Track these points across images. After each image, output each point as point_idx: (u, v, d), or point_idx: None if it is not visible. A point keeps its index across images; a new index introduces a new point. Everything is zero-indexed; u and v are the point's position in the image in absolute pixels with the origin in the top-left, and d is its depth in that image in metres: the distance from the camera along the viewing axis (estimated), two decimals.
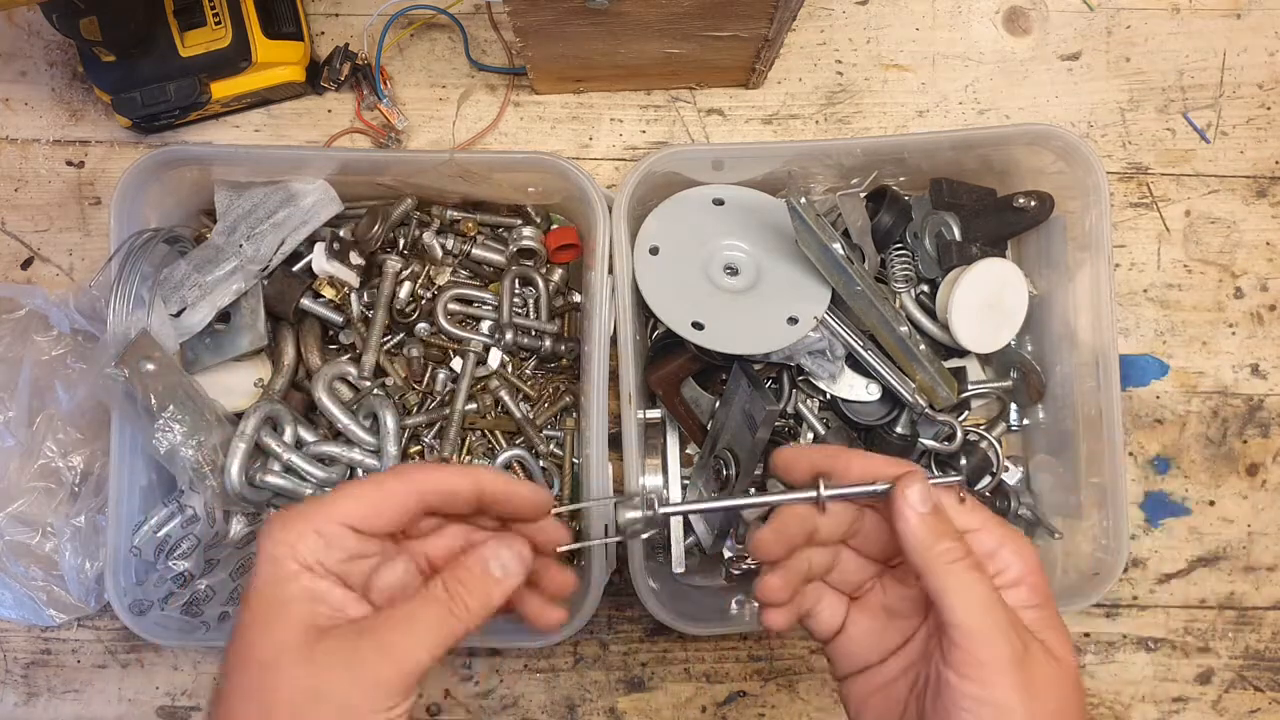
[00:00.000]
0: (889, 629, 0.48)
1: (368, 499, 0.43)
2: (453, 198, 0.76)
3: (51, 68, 0.81)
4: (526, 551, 0.45)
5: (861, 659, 0.48)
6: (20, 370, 0.72)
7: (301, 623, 0.40)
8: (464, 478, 0.45)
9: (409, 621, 0.41)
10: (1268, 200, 0.83)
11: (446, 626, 0.42)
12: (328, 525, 0.42)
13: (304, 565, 0.41)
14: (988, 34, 0.83)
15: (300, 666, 0.39)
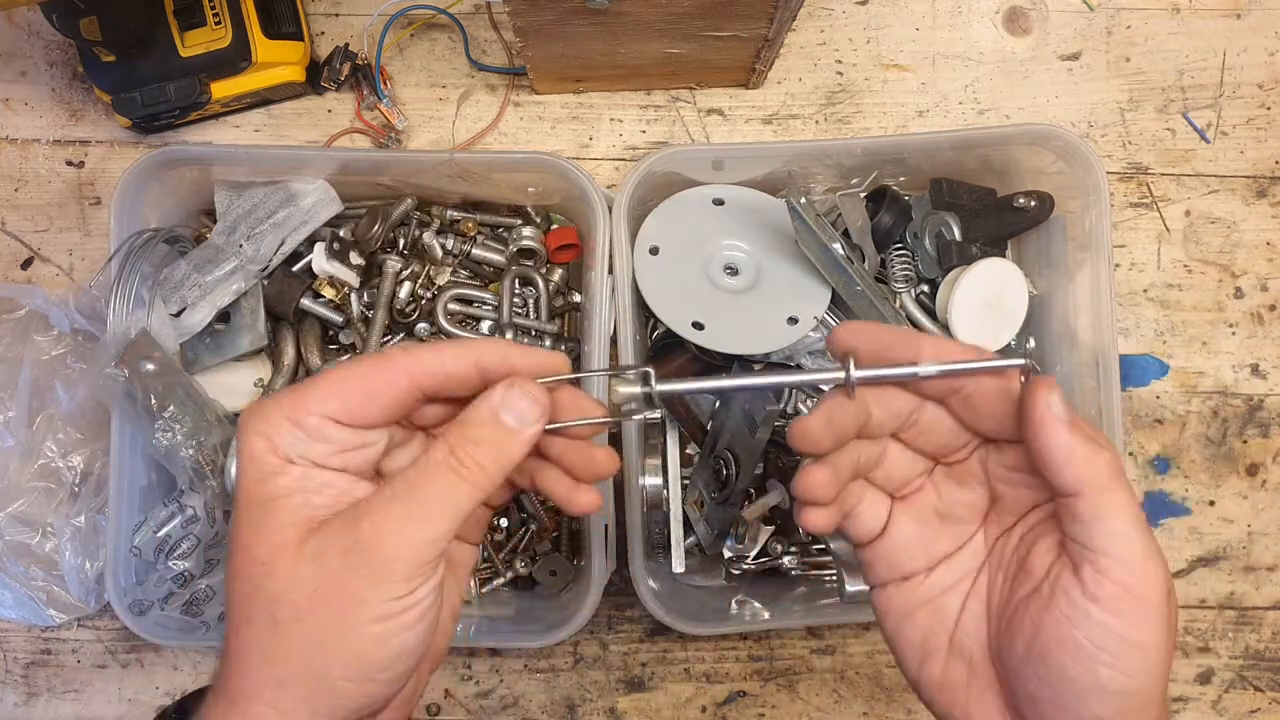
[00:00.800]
0: (939, 534, 0.42)
1: (350, 390, 0.37)
2: (453, 198, 0.76)
3: (51, 68, 0.81)
4: (543, 396, 0.38)
5: (905, 566, 0.43)
6: (20, 370, 0.72)
7: (294, 518, 0.36)
8: (459, 355, 0.38)
9: (411, 494, 0.36)
10: (1268, 200, 0.83)
11: (456, 492, 0.36)
12: (307, 417, 0.37)
13: (286, 459, 0.37)
14: (988, 34, 0.83)
15: (298, 564, 0.36)
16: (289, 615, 0.35)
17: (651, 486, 0.74)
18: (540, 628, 0.70)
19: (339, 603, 0.35)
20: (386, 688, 0.37)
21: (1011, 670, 0.38)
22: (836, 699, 0.79)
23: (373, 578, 0.35)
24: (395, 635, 0.36)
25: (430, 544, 0.36)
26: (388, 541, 0.35)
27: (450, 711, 0.78)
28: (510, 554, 0.75)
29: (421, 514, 0.36)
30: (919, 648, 0.42)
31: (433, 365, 0.38)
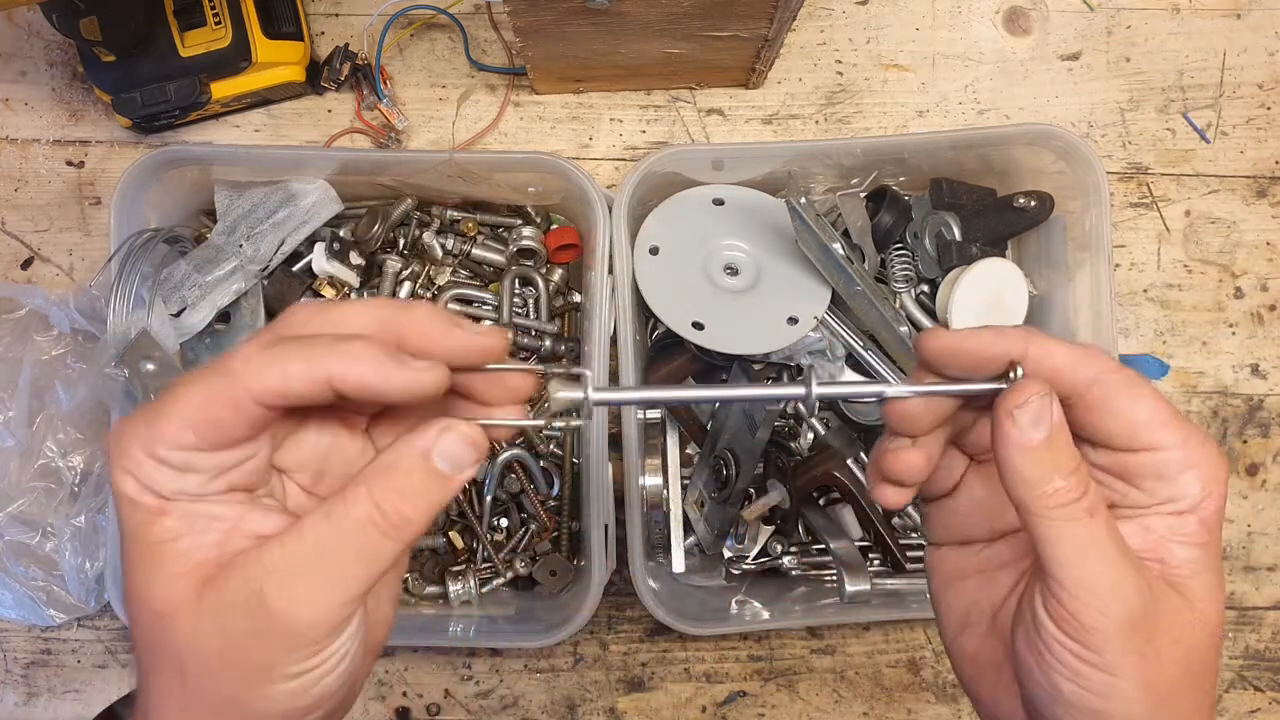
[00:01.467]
0: (1010, 508, 0.38)
1: (196, 418, 0.32)
2: (453, 198, 0.76)
3: (51, 68, 0.81)
4: (481, 438, 0.34)
5: (966, 530, 0.41)
6: (20, 370, 0.72)
7: (185, 565, 0.32)
8: (306, 372, 0.32)
9: (324, 555, 0.32)
10: (1268, 200, 0.83)
11: (377, 549, 0.33)
12: (165, 453, 0.32)
13: (161, 498, 0.32)
14: (988, 34, 0.83)
15: (199, 620, 0.32)
16: (198, 671, 0.33)
17: (651, 486, 0.74)
18: (540, 628, 0.69)
19: (249, 665, 0.32)
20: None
21: (1017, 663, 0.37)
22: (836, 699, 0.79)
23: (284, 645, 0.32)
24: (314, 685, 0.33)
25: (345, 605, 0.33)
26: (299, 610, 0.32)
27: (450, 711, 0.78)
28: (510, 554, 0.75)
29: (337, 577, 0.32)
30: (960, 616, 0.40)
31: (276, 385, 0.32)
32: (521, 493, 0.75)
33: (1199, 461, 0.35)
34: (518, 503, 0.76)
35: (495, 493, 0.75)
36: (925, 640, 0.79)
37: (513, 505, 0.76)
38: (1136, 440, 0.35)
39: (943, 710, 0.79)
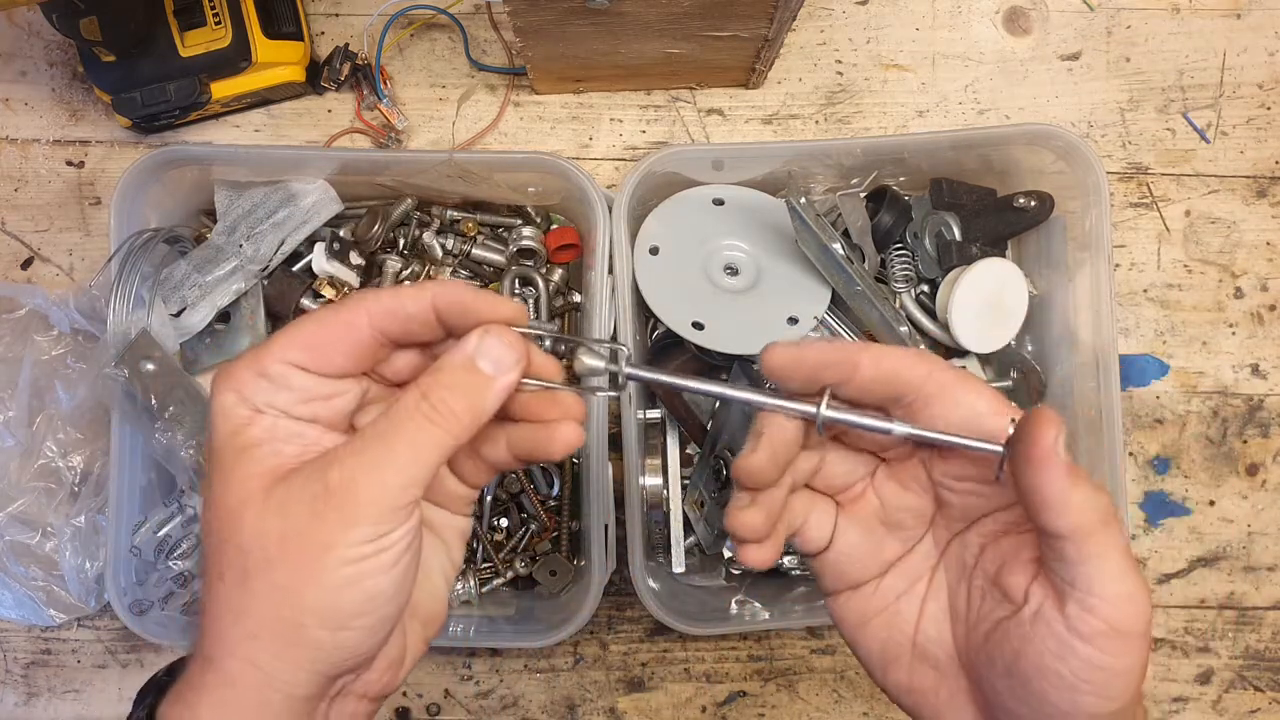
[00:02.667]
0: (886, 541, 0.41)
1: (310, 333, 0.37)
2: (453, 198, 0.76)
3: (51, 68, 0.81)
4: (520, 344, 0.38)
5: (855, 575, 0.42)
6: (20, 370, 0.72)
7: (262, 467, 0.36)
8: (417, 295, 0.38)
9: (381, 438, 0.35)
10: (1268, 200, 0.83)
11: (428, 437, 0.36)
12: (272, 366, 0.36)
13: (255, 410, 0.36)
14: (988, 34, 0.83)
15: (265, 513, 0.35)
16: (257, 565, 0.35)
17: (651, 486, 0.74)
18: (540, 628, 0.70)
19: (307, 547, 0.34)
20: (363, 637, 0.36)
21: (988, 685, 0.38)
22: (836, 699, 0.79)
23: (342, 522, 0.34)
24: (367, 578, 0.35)
25: (402, 489, 0.35)
26: (358, 486, 0.35)
27: (450, 711, 0.78)
28: (510, 554, 0.75)
29: (392, 458, 0.35)
30: (880, 654, 0.41)
31: (390, 304, 0.37)
32: (521, 493, 0.75)
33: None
34: (517, 503, 0.76)
35: (495, 493, 0.75)
36: None
37: (512, 505, 0.76)
38: (981, 429, 0.37)
39: None
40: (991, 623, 0.38)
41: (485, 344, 0.37)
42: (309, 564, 0.34)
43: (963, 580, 0.40)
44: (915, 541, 0.42)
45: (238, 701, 0.35)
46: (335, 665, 0.36)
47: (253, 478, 0.36)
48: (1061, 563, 0.35)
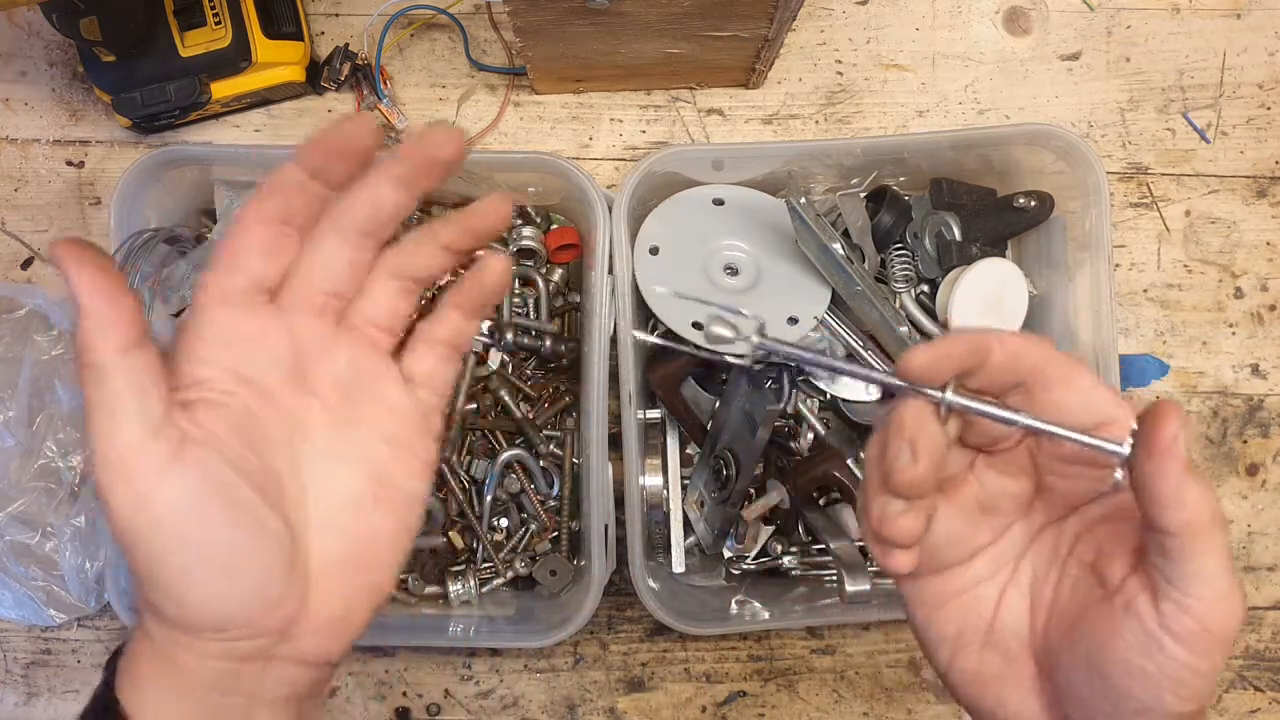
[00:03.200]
0: (981, 527, 0.40)
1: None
2: (452, 198, 0.76)
3: (51, 68, 0.81)
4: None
5: (944, 558, 0.40)
6: (20, 370, 0.72)
7: None
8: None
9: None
10: (1268, 200, 0.83)
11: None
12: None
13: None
14: (988, 34, 0.83)
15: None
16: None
17: (651, 486, 0.74)
18: (540, 628, 0.70)
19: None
20: (183, 581, 0.35)
21: (1064, 675, 0.37)
22: (836, 699, 0.79)
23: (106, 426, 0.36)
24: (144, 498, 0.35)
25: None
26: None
27: (450, 711, 0.78)
28: (510, 554, 0.75)
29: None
30: (953, 639, 0.40)
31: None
32: (521, 492, 0.75)
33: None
34: (518, 503, 0.76)
35: (495, 493, 0.75)
36: None
37: (513, 505, 0.76)
38: (1095, 412, 0.36)
39: (943, 710, 0.79)
40: (1078, 612, 0.37)
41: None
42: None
43: (1053, 567, 0.39)
44: (1008, 527, 0.40)
45: (150, 668, 0.37)
46: (192, 618, 0.36)
47: None
48: (1165, 559, 0.34)
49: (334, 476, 0.40)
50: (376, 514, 0.40)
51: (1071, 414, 0.36)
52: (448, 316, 0.44)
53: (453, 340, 0.43)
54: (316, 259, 0.39)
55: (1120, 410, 0.37)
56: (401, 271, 0.42)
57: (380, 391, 0.41)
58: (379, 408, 0.41)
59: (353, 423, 0.40)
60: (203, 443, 0.35)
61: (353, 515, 0.40)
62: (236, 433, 0.37)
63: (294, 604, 0.37)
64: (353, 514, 0.40)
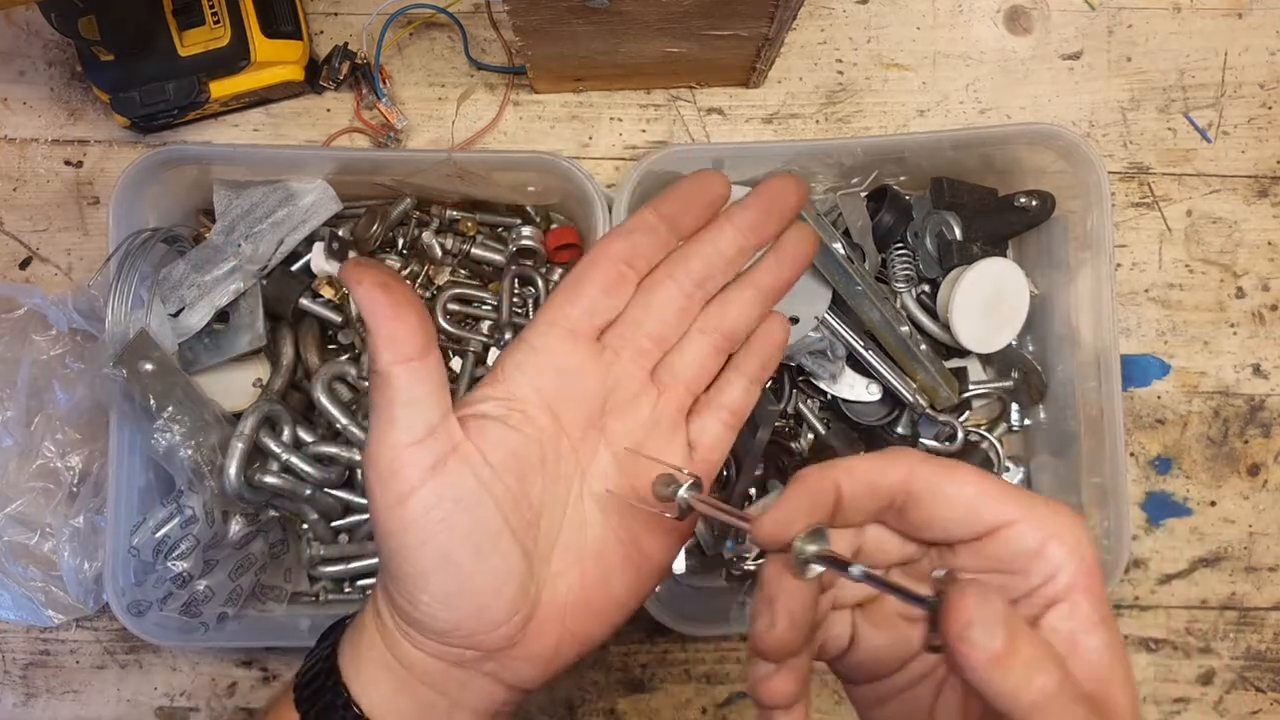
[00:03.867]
0: (907, 634, 0.38)
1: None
2: (452, 197, 0.76)
3: (50, 67, 0.80)
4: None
5: (875, 670, 0.39)
6: (18, 370, 0.72)
7: None
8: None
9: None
10: (1269, 200, 0.83)
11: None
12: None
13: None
14: (989, 33, 0.83)
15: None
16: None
17: None
18: None
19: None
20: (419, 583, 0.37)
21: None
22: (837, 699, 0.78)
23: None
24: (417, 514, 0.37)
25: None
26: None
27: None
28: None
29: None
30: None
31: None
32: None
33: (1053, 529, 0.33)
34: None
35: None
36: None
37: None
38: (981, 522, 0.33)
39: None
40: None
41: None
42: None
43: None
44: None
45: (372, 646, 0.40)
46: (419, 617, 0.38)
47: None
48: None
49: (592, 522, 0.41)
50: (617, 571, 0.41)
51: (957, 527, 0.34)
52: (735, 382, 0.44)
53: (737, 408, 0.44)
54: (651, 302, 0.41)
55: (1019, 507, 0.33)
56: (717, 327, 0.43)
57: (665, 454, 0.42)
58: (659, 470, 0.41)
59: (628, 479, 0.41)
60: (467, 460, 0.37)
61: (596, 567, 0.41)
62: (513, 458, 0.38)
63: (514, 630, 0.39)
64: (596, 566, 0.41)
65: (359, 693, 0.39)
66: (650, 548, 0.42)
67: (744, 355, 0.44)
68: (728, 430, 0.44)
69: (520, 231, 0.76)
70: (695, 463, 0.42)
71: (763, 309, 0.43)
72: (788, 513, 0.35)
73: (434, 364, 0.37)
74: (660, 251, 0.41)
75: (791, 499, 0.36)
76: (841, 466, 0.35)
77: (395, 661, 0.39)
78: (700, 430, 0.43)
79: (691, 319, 0.42)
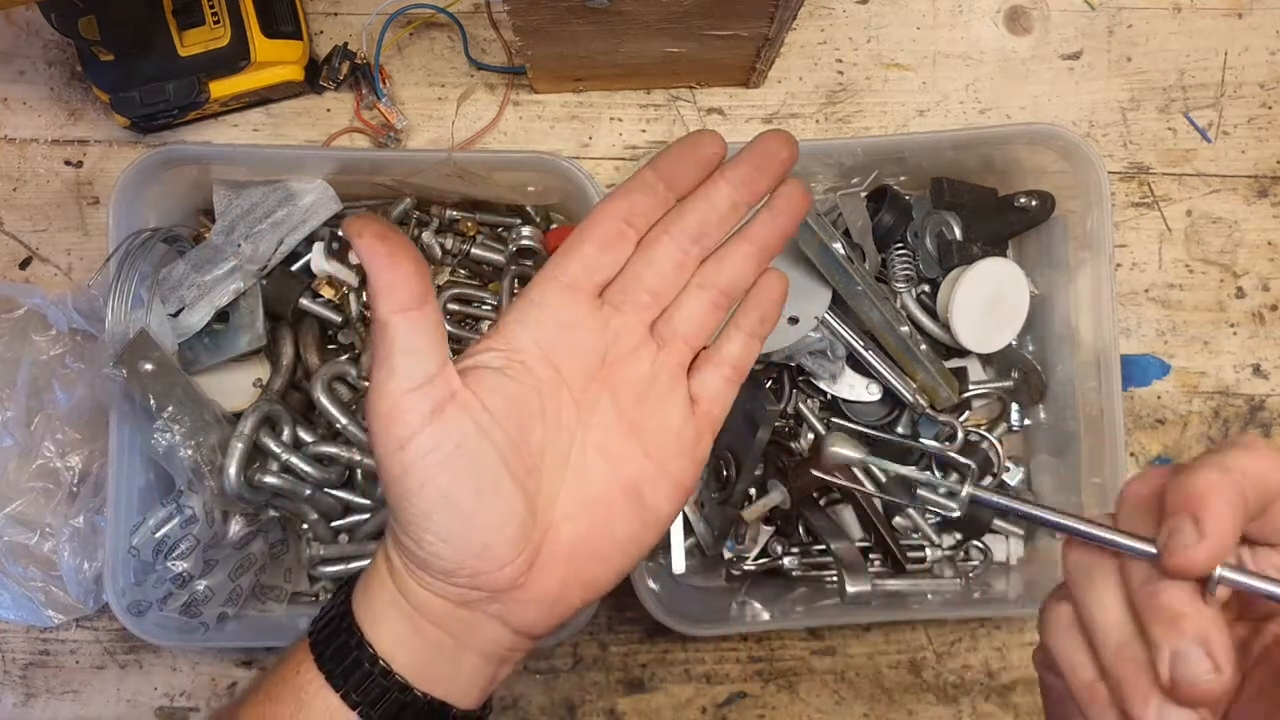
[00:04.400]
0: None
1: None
2: (452, 197, 0.76)
3: (50, 67, 0.80)
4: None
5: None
6: (18, 370, 0.72)
7: None
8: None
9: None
10: (1269, 200, 0.83)
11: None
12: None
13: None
14: (989, 33, 0.83)
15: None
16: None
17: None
18: None
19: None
20: (418, 519, 0.38)
21: None
22: (837, 700, 0.78)
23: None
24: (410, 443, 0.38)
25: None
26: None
27: None
28: None
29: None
30: None
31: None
32: None
33: None
34: None
35: None
36: (926, 641, 0.79)
37: None
38: None
39: (944, 711, 0.79)
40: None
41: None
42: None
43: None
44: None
45: (383, 588, 0.41)
46: (425, 556, 0.39)
47: None
48: None
49: (594, 470, 0.42)
50: (620, 519, 0.42)
51: None
52: (734, 337, 0.45)
53: (738, 362, 0.45)
54: (650, 258, 0.42)
55: None
56: (715, 283, 0.43)
57: (667, 407, 0.43)
58: (659, 422, 0.43)
59: (633, 428, 0.42)
60: (465, 406, 0.39)
61: (599, 511, 0.42)
62: (512, 405, 0.40)
63: (517, 571, 0.40)
64: (600, 510, 0.42)
65: (371, 633, 0.40)
66: (654, 499, 0.43)
67: (743, 311, 0.45)
68: (728, 384, 0.44)
69: (520, 231, 0.76)
70: (698, 415, 0.43)
71: (759, 264, 0.44)
72: (1223, 529, 0.30)
73: (431, 314, 0.38)
74: (659, 209, 0.42)
75: (1220, 512, 0.30)
76: (1234, 467, 0.31)
77: (405, 602, 0.40)
78: (701, 385, 0.44)
79: (689, 274, 0.43)
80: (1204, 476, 0.30)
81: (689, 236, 0.42)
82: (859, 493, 0.70)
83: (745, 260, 0.44)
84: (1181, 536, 0.30)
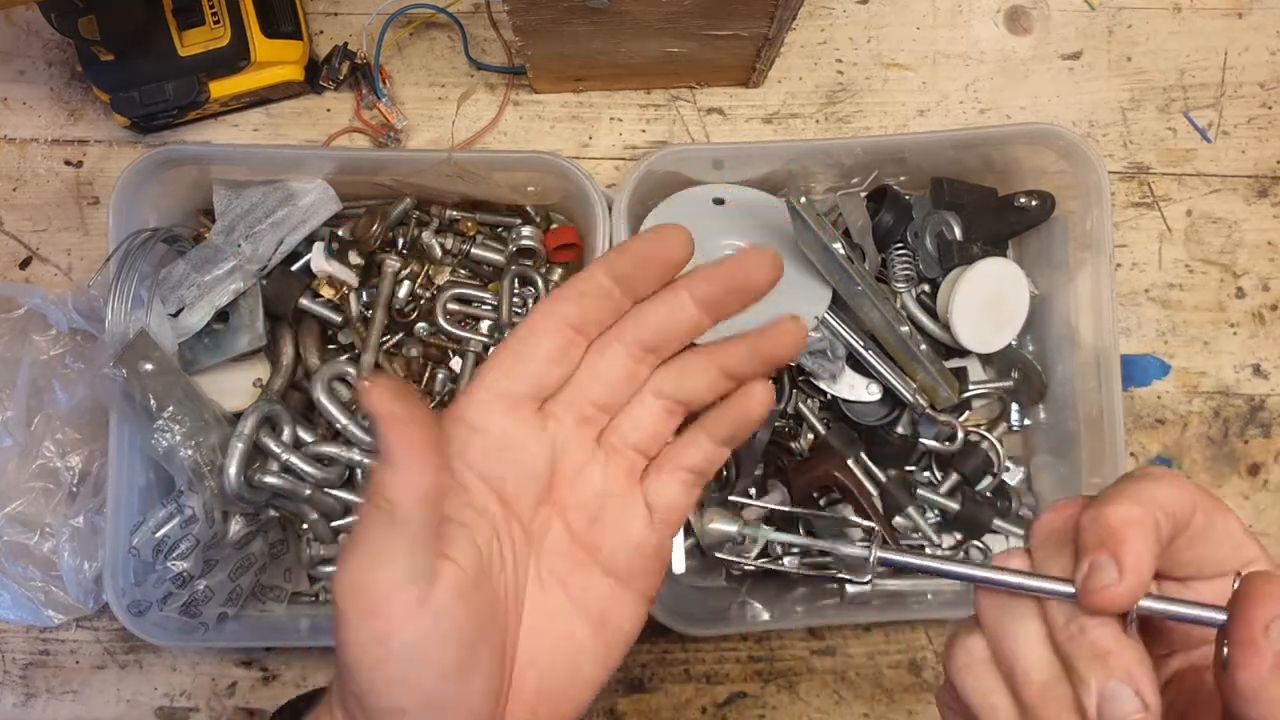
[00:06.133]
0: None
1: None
2: (452, 197, 0.76)
3: (50, 67, 0.80)
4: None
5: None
6: (18, 370, 0.72)
7: None
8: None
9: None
10: (1269, 200, 0.83)
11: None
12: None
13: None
14: (989, 33, 0.83)
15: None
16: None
17: None
18: None
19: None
20: (379, 684, 0.34)
21: None
22: (837, 700, 0.78)
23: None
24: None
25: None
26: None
27: None
28: None
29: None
30: None
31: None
32: None
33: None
34: None
35: None
36: (926, 641, 0.79)
37: None
38: (1238, 559, 0.32)
39: None
40: None
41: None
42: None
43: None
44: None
45: None
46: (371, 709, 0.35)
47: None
48: None
49: (554, 606, 0.38)
50: (585, 654, 0.39)
51: (1214, 565, 0.32)
52: (700, 443, 0.40)
53: (701, 468, 0.40)
54: (597, 367, 0.38)
55: (1258, 547, 0.32)
56: (673, 393, 0.39)
57: (624, 522, 0.39)
58: (619, 540, 0.39)
59: (590, 550, 0.39)
60: (450, 586, 0.34)
61: (563, 653, 0.38)
62: (479, 561, 0.35)
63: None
64: (563, 651, 0.38)
65: None
66: (618, 619, 0.40)
67: (714, 419, 0.40)
68: (686, 489, 0.40)
69: (520, 231, 0.76)
70: (656, 523, 0.40)
71: (729, 385, 0.39)
72: (1143, 566, 0.29)
73: (441, 500, 0.34)
74: (612, 316, 0.38)
75: (1138, 549, 0.30)
76: (1149, 500, 0.30)
77: None
78: (656, 494, 0.40)
79: (640, 382, 0.39)
80: (1120, 510, 0.30)
81: (642, 346, 0.38)
82: (859, 493, 0.70)
83: (714, 380, 0.39)
84: (1102, 575, 0.29)
